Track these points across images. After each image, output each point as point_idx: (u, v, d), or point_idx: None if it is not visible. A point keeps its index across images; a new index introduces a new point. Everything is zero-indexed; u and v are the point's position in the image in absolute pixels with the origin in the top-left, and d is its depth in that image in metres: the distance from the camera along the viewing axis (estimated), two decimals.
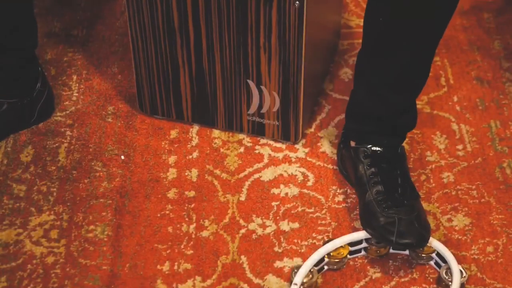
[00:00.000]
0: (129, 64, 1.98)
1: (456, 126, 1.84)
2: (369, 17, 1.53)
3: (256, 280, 1.54)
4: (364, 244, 1.57)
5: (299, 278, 1.49)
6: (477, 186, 1.71)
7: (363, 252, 1.58)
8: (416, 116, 1.66)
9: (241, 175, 1.73)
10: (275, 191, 1.70)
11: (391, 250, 1.57)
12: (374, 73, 1.58)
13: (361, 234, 1.56)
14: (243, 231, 1.62)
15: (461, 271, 1.50)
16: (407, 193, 1.58)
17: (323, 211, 1.66)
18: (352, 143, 1.67)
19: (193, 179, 1.72)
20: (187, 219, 1.64)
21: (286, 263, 1.57)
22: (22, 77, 1.77)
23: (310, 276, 1.51)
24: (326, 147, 1.79)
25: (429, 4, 1.45)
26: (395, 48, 1.52)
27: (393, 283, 1.54)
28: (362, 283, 1.54)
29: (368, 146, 1.63)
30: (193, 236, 1.61)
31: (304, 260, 1.56)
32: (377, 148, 1.63)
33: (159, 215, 1.65)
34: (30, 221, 1.63)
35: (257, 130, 1.79)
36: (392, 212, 1.54)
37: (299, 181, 1.72)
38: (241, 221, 1.64)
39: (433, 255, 1.55)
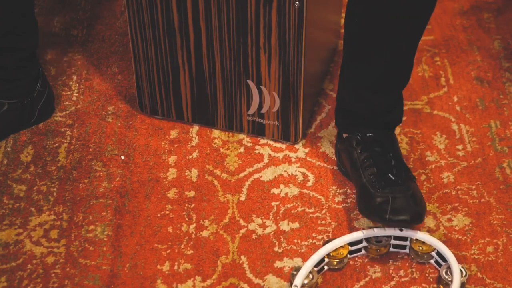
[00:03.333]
0: (129, 64, 1.98)
1: (456, 126, 1.84)
2: (346, 18, 1.55)
3: (256, 280, 1.54)
4: (364, 244, 1.57)
5: (299, 279, 1.49)
6: (477, 186, 1.71)
7: (363, 252, 1.58)
8: (402, 112, 1.67)
9: (241, 175, 1.73)
10: (275, 191, 1.70)
11: (392, 247, 1.57)
12: (354, 75, 1.60)
13: (361, 234, 1.56)
14: (243, 231, 1.62)
15: (461, 270, 1.50)
16: (401, 174, 1.58)
17: (323, 211, 1.66)
18: (345, 135, 1.68)
19: (193, 179, 1.72)
20: (187, 219, 1.64)
21: (286, 263, 1.57)
22: (23, 78, 1.77)
23: (311, 277, 1.51)
24: (326, 147, 1.79)
25: (402, 5, 1.45)
26: (372, 50, 1.53)
27: (393, 283, 1.54)
28: (362, 283, 1.54)
29: (360, 135, 1.64)
30: (193, 236, 1.61)
31: (304, 260, 1.56)
32: (369, 134, 1.64)
33: (159, 215, 1.65)
34: (30, 221, 1.63)
35: (257, 130, 1.79)
36: (387, 191, 1.54)
37: (299, 181, 1.72)
38: (241, 221, 1.64)
39: (433, 253, 1.55)
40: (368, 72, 1.57)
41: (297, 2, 1.58)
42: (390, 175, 1.57)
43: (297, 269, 1.52)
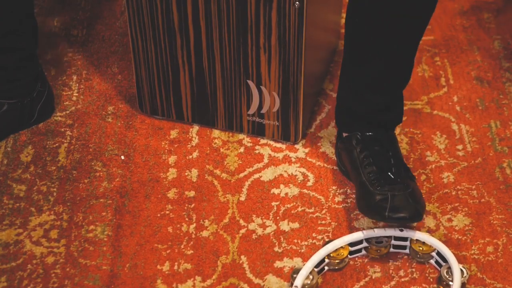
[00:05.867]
0: (129, 64, 1.98)
1: (456, 126, 1.84)
2: (347, 18, 1.55)
3: (256, 280, 1.54)
4: (364, 244, 1.57)
5: (299, 280, 1.49)
6: (477, 186, 1.71)
7: (363, 252, 1.58)
8: (402, 111, 1.67)
9: (241, 175, 1.73)
10: (275, 191, 1.70)
11: (392, 248, 1.57)
12: (355, 74, 1.60)
13: (361, 234, 1.56)
14: (243, 231, 1.62)
15: (462, 270, 1.50)
16: (401, 173, 1.58)
17: (323, 211, 1.66)
18: (345, 134, 1.68)
19: (193, 179, 1.72)
20: (187, 219, 1.64)
21: (286, 263, 1.57)
22: (23, 78, 1.77)
23: (311, 277, 1.51)
24: (326, 147, 1.79)
25: (403, 4, 1.45)
26: (372, 49, 1.53)
27: (393, 283, 1.54)
28: (362, 283, 1.54)
29: (359, 133, 1.64)
30: (193, 236, 1.61)
31: (304, 260, 1.56)
32: (369, 133, 1.64)
33: (159, 215, 1.65)
34: (30, 221, 1.63)
35: (257, 130, 1.79)
36: (386, 189, 1.54)
37: (299, 181, 1.72)
38: (241, 221, 1.64)
39: (434, 254, 1.55)
40: (368, 71, 1.57)
41: (297, 2, 1.58)
42: (389, 173, 1.58)
43: (297, 270, 1.51)
